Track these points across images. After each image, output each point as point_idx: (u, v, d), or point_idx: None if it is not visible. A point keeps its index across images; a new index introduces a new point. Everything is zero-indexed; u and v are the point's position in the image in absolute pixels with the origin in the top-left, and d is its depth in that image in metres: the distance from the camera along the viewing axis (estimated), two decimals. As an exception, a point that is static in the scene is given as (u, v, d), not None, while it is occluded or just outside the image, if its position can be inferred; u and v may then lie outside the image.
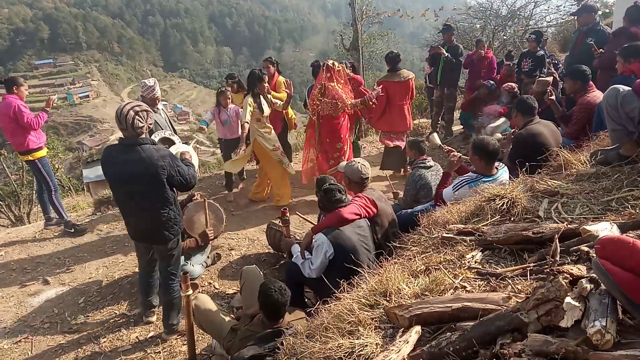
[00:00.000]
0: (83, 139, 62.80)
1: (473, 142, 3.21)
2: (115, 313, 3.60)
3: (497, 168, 3.16)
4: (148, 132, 3.05)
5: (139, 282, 3.43)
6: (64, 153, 23.85)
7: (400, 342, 1.37)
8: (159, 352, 3.13)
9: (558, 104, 4.34)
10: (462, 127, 7.31)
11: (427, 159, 4.06)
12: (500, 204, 2.21)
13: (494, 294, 1.48)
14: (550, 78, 4.93)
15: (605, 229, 1.65)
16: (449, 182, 3.40)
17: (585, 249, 1.57)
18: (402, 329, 1.48)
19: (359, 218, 3.00)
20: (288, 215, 3.80)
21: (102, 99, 78.61)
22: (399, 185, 5.16)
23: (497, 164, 3.18)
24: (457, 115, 7.78)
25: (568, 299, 1.20)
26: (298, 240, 3.48)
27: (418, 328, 1.44)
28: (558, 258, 1.57)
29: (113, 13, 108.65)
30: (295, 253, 3.26)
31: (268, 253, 4.34)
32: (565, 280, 1.25)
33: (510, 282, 1.58)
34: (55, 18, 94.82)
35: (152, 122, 3.00)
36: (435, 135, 4.35)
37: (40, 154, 4.79)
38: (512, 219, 2.13)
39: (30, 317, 3.63)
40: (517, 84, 6.04)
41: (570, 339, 1.16)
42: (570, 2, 12.28)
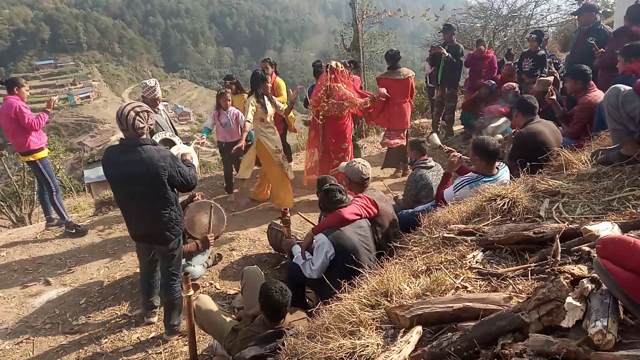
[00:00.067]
0: (84, 140, 62.89)
1: (473, 142, 3.20)
2: (117, 314, 3.60)
3: (497, 168, 3.16)
4: (149, 132, 3.05)
5: (140, 282, 3.44)
6: (65, 154, 23.93)
7: (402, 342, 1.37)
8: (160, 352, 3.13)
9: (559, 104, 4.34)
10: (463, 127, 7.32)
11: (428, 159, 4.06)
12: (501, 204, 2.21)
13: (495, 294, 1.48)
14: (551, 78, 4.94)
15: (607, 229, 1.65)
16: (450, 182, 3.40)
17: (587, 249, 1.57)
18: (403, 329, 1.48)
19: (360, 218, 3.00)
20: (289, 216, 3.80)
21: (103, 100, 78.71)
22: (399, 186, 5.16)
23: (497, 164, 3.18)
24: (457, 115, 7.78)
25: (569, 299, 1.20)
26: (299, 241, 3.48)
27: (419, 328, 1.44)
28: (559, 258, 1.58)
29: (114, 13, 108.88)
30: (296, 253, 3.25)
31: (269, 253, 4.34)
32: (567, 280, 1.25)
33: (512, 282, 1.58)
34: (56, 19, 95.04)
35: (152, 122, 3.01)
36: (435, 136, 4.34)
37: (42, 155, 4.80)
38: (513, 219, 2.13)
39: (32, 317, 3.63)
40: (517, 84, 6.04)
41: (572, 339, 1.16)
42: (571, 1, 12.30)
